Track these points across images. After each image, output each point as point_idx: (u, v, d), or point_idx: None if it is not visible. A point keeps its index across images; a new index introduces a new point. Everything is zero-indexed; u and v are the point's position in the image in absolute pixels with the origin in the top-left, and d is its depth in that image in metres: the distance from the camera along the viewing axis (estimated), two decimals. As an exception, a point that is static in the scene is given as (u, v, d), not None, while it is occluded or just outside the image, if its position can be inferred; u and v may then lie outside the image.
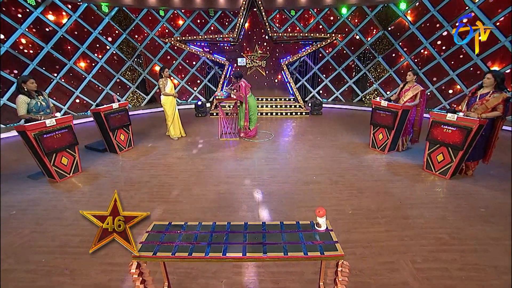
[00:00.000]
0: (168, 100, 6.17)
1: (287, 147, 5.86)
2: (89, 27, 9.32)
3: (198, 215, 3.40)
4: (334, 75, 11.40)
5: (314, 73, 11.51)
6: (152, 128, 7.72)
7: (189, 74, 11.51)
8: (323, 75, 11.56)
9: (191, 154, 5.47)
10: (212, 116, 9.24)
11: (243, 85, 6.11)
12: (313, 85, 11.72)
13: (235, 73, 6.16)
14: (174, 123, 6.43)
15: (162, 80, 6.09)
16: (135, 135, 6.52)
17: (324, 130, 7.35)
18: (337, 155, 5.33)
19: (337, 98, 11.76)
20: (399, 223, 3.22)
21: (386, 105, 5.16)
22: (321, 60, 11.36)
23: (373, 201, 3.69)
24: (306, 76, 11.62)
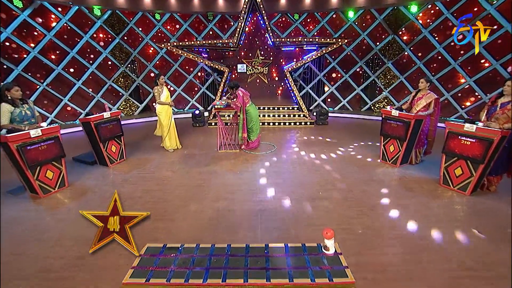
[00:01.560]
0: (163, 109, 6.20)
1: (291, 160, 5.85)
2: (80, 31, 9.48)
3: (195, 234, 3.35)
4: (340, 83, 11.50)
5: (319, 80, 11.62)
6: (146, 139, 7.74)
7: (186, 81, 11.62)
8: (329, 82, 11.66)
9: (188, 167, 5.45)
10: (211, 126, 9.27)
11: (241, 95, 6.15)
12: (318, 93, 11.80)
13: (231, 83, 6.21)
14: (170, 134, 6.44)
15: (157, 87, 6.13)
16: (128, 147, 6.52)
17: (331, 141, 7.37)
18: (345, 169, 5.31)
19: (344, 107, 11.81)
20: (415, 244, 3.16)
21: (397, 115, 5.17)
22: (327, 67, 11.48)
23: (385, 219, 3.63)
24: (310, 84, 11.71)
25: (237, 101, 6.13)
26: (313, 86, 11.74)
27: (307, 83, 11.72)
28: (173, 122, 6.48)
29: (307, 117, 9.66)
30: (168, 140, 6.44)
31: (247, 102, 6.20)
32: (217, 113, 6.56)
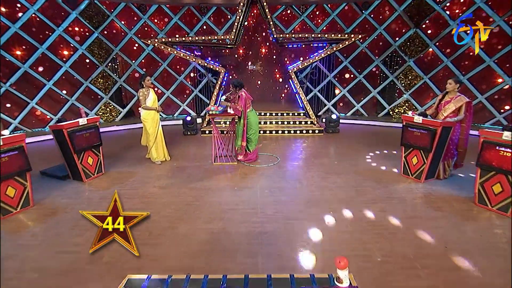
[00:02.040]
0: (149, 116, 6.23)
1: (297, 174, 5.85)
2: (51, 23, 9.53)
3: (185, 262, 3.31)
4: (354, 84, 11.60)
5: (329, 82, 11.72)
6: (129, 149, 7.75)
7: (176, 83, 11.73)
8: (340, 84, 11.76)
9: (177, 183, 5.44)
10: (204, 135, 9.30)
11: (243, 96, 6.18)
12: (328, 97, 11.89)
13: (235, 81, 6.25)
14: (157, 144, 6.45)
15: (142, 90, 6.17)
16: (107, 158, 6.52)
17: (343, 152, 7.36)
18: (359, 184, 5.29)
19: (357, 112, 11.88)
20: (447, 276, 3.11)
21: (421, 121, 5.17)
22: (338, 66, 11.60)
23: (409, 245, 3.59)
24: (319, 86, 11.81)
25: (239, 103, 6.17)
26: (322, 88, 11.84)
27: (315, 85, 11.82)
28: (161, 130, 6.50)
29: (315, 124, 9.68)
30: (154, 151, 6.45)
31: (248, 106, 6.24)
32: (212, 120, 6.58)
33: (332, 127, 9.47)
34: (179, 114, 12.03)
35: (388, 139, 8.59)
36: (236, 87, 6.22)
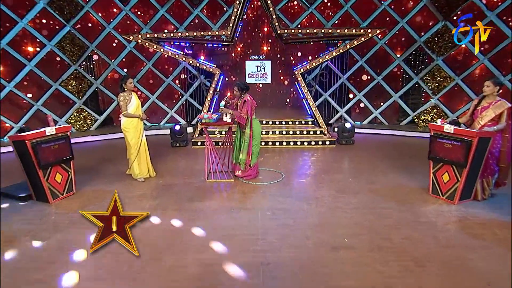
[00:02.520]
0: (131, 124, 6.24)
1: (304, 193, 5.84)
2: (12, 13, 9.52)
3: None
4: (371, 87, 11.65)
5: (342, 84, 11.76)
6: (106, 163, 7.74)
7: (163, 86, 11.78)
8: (355, 87, 11.80)
9: (164, 204, 5.39)
10: (196, 147, 9.31)
11: (249, 101, 6.18)
12: (340, 102, 11.93)
13: (241, 84, 6.26)
14: (140, 157, 6.45)
15: (123, 94, 6.17)
16: (80, 175, 6.49)
17: (359, 166, 7.36)
18: (379, 205, 5.25)
19: (376, 120, 11.88)
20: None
21: (453, 131, 5.15)
22: (352, 67, 11.68)
23: (442, 280, 3.50)
24: (330, 89, 11.86)
25: (243, 110, 6.16)
26: (333, 92, 11.88)
27: (325, 89, 11.86)
28: (145, 141, 6.53)
29: (326, 134, 9.68)
30: (136, 166, 6.44)
31: (252, 114, 6.26)
32: (205, 130, 6.56)
33: (346, 138, 9.47)
34: (166, 122, 12.05)
35: (412, 151, 8.57)
36: (242, 90, 6.23)
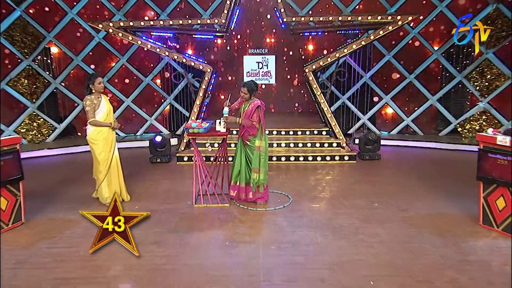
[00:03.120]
0: (100, 135, 6.19)
1: (318, 222, 5.78)
2: None
3: None
4: (401, 88, 11.64)
5: (365, 85, 11.76)
6: (65, 184, 7.65)
7: (140, 87, 11.78)
8: (381, 89, 11.81)
9: (140, 236, 5.17)
10: (181, 163, 9.29)
11: (262, 106, 6.18)
12: (362, 107, 11.92)
13: (251, 84, 6.25)
14: (111, 176, 6.40)
15: (90, 97, 6.13)
16: (32, 199, 6.38)
17: (386, 188, 7.32)
18: (414, 239, 5.17)
19: (407, 130, 11.85)
20: None
21: (509, 143, 5.07)
22: (377, 63, 11.70)
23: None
24: (349, 91, 11.86)
25: (254, 117, 6.12)
26: (353, 95, 11.87)
27: (343, 91, 11.86)
28: (117, 156, 6.50)
29: (344, 147, 9.65)
30: (106, 188, 6.37)
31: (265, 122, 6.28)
32: (193, 141, 6.51)
33: (370, 152, 9.44)
34: (144, 132, 12.01)
35: (456, 170, 8.53)
36: (252, 91, 6.23)
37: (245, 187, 6.42)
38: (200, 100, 9.98)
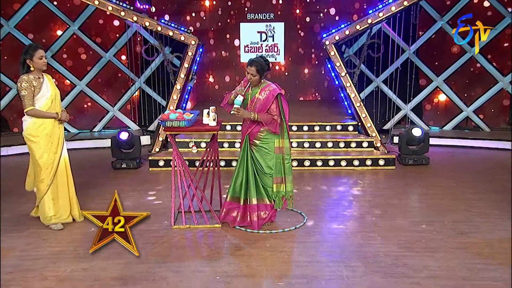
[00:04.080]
0: (42, 129, 6.17)
1: (343, 249, 5.80)
2: None
3: None
4: (459, 67, 11.64)
5: (408, 62, 11.67)
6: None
7: (98, 65, 11.80)
8: (430, 67, 11.83)
9: (98, 270, 5.28)
10: (156, 169, 9.36)
11: (282, 93, 6.08)
12: (404, 93, 11.86)
13: (261, 61, 6.04)
14: (57, 188, 6.38)
15: (28, 78, 6.10)
16: None
17: (438, 204, 7.31)
18: (477, 274, 5.10)
19: (467, 124, 11.80)
20: None
21: None
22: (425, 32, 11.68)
23: None
24: (386, 71, 11.86)
25: (273, 109, 6.02)
26: (392, 76, 11.81)
27: (377, 71, 11.81)
28: (66, 159, 6.50)
29: (379, 147, 9.75)
30: (50, 203, 6.33)
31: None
32: (171, 139, 6.51)
33: (414, 154, 9.46)
34: (105, 128, 12.01)
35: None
36: (263, 71, 6.04)
37: (257, 204, 6.26)
38: (181, 84, 10.01)
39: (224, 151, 9.51)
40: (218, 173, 6.78)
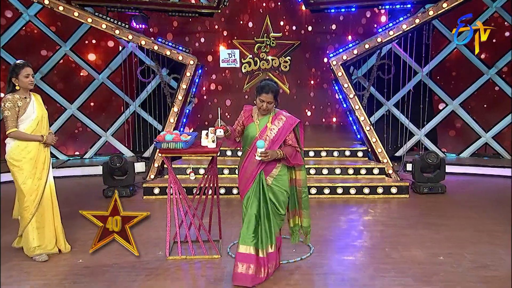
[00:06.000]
0: (25, 153, 6.14)
1: (354, 282, 5.75)
2: None
3: None
4: (476, 89, 11.65)
5: (421, 85, 11.69)
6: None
7: (91, 87, 11.83)
8: (445, 90, 11.86)
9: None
10: (150, 197, 9.37)
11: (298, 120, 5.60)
12: (417, 118, 11.85)
13: (274, 87, 5.45)
14: (43, 217, 6.33)
15: (13, 97, 6.09)
16: None
17: (457, 235, 7.29)
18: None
19: (487, 151, 11.78)
20: None
21: None
22: (439, 53, 11.69)
23: None
24: (398, 94, 11.88)
25: (292, 139, 5.54)
26: (404, 100, 11.83)
27: (388, 94, 11.81)
28: (52, 186, 6.46)
29: (391, 175, 9.75)
30: (34, 233, 6.27)
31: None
32: (167, 162, 6.50)
33: (430, 182, 9.45)
34: (96, 154, 12.00)
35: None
36: (276, 96, 5.48)
37: (275, 252, 5.68)
38: (179, 106, 9.99)
39: (224, 177, 9.46)
40: (218, 200, 6.74)
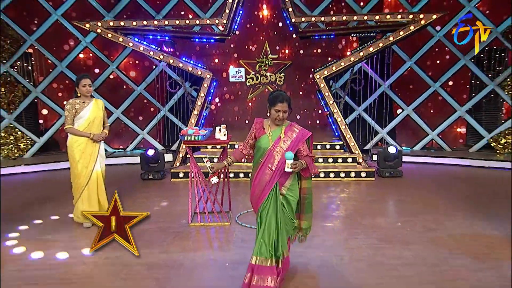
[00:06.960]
0: (77, 145, 6.16)
1: (332, 242, 5.82)
2: None
3: None
4: (425, 98, 11.65)
5: (383, 95, 11.76)
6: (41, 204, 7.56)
7: (131, 97, 11.86)
8: (402, 99, 11.84)
9: (126, 258, 5.14)
10: (177, 180, 9.31)
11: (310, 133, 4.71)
12: (381, 119, 11.90)
13: (287, 97, 4.45)
14: (89, 193, 6.31)
15: (73, 101, 6.10)
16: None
17: (410, 207, 7.31)
18: (444, 262, 5.08)
19: (433, 145, 11.80)
20: None
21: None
22: (397, 69, 11.73)
23: None
24: (366, 102, 11.91)
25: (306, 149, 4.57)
26: (370, 106, 11.88)
27: (359, 101, 11.88)
28: (99, 173, 6.43)
29: (361, 163, 9.66)
30: (83, 205, 6.25)
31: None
32: (189, 150, 6.51)
33: (390, 168, 9.44)
34: (135, 148, 11.99)
35: (490, 188, 8.53)
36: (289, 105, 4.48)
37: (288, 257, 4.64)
38: (198, 110, 9.97)
39: (233, 165, 9.35)
40: (228, 182, 6.77)
